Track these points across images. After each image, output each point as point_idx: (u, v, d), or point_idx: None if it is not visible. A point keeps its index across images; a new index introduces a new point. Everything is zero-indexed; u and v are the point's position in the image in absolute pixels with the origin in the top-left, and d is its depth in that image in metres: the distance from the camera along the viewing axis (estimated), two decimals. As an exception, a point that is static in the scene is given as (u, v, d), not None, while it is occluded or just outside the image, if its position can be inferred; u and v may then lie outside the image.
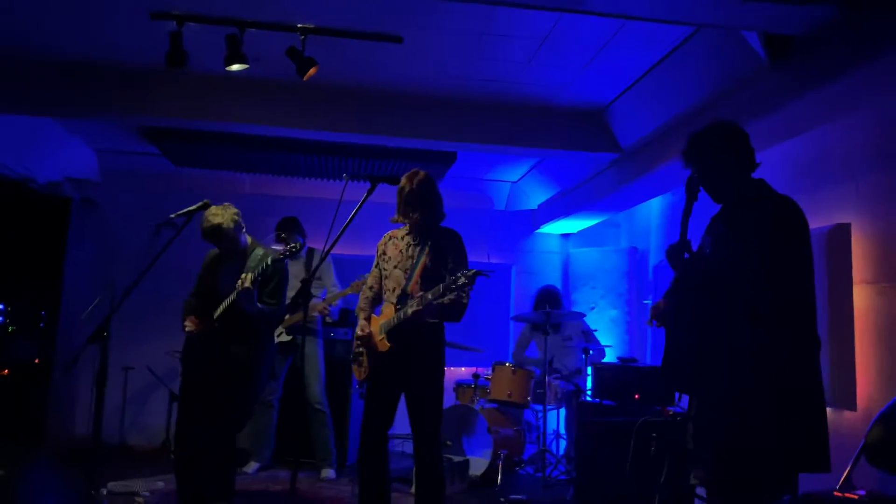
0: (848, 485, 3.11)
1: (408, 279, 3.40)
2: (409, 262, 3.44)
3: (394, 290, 3.43)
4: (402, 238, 3.54)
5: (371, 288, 3.61)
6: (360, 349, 3.50)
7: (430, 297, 3.18)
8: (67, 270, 5.67)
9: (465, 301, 3.30)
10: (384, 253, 3.58)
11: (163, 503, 4.32)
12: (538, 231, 7.42)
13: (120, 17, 3.93)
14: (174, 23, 3.80)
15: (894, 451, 3.03)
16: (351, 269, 5.23)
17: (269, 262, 3.63)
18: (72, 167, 6.38)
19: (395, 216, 3.49)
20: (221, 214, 3.74)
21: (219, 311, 3.68)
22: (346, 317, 5.88)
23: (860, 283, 3.70)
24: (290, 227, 5.22)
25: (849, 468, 3.16)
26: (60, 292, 5.61)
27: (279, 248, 4.00)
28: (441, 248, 3.42)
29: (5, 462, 3.28)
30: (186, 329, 3.79)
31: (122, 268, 5.73)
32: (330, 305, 5.26)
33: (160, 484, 4.75)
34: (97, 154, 6.55)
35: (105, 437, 5.94)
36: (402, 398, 3.43)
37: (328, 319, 5.42)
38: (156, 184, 6.76)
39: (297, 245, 3.72)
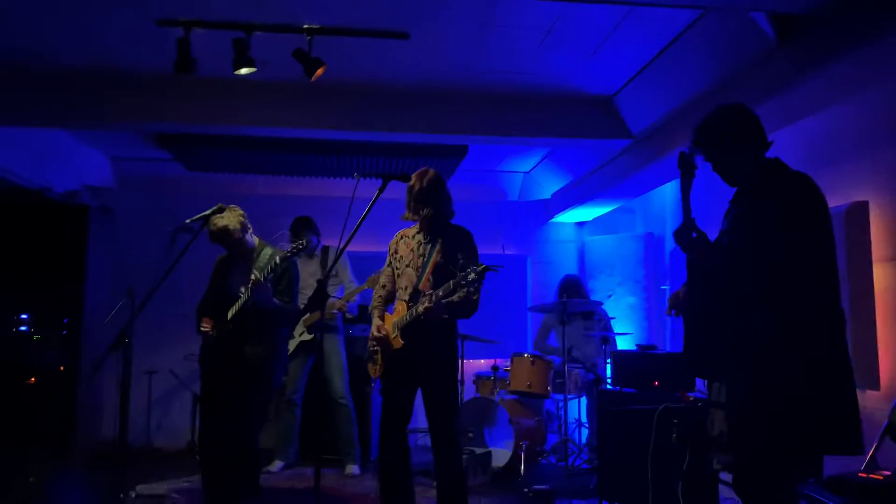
0: (873, 465, 3.09)
1: (419, 277, 3.43)
2: (421, 260, 3.47)
3: (406, 289, 3.47)
4: (413, 237, 3.56)
5: (384, 287, 3.65)
6: (375, 347, 3.54)
7: (440, 294, 3.21)
8: (88, 277, 5.74)
9: (475, 297, 3.34)
10: (396, 252, 3.61)
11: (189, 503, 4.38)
12: (552, 220, 7.40)
13: (127, 25, 3.97)
14: (181, 29, 3.84)
15: (918, 430, 3.01)
16: (367, 266, 5.25)
17: (278, 261, 3.66)
18: (87, 175, 6.47)
19: (406, 214, 3.52)
20: (227, 217, 3.79)
21: (231, 311, 3.71)
22: (365, 313, 5.91)
23: (879, 261, 3.66)
24: (303, 227, 5.26)
25: (873, 448, 3.14)
26: (82, 299, 5.68)
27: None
28: (451, 246, 3.44)
29: (35, 468, 3.36)
30: (202, 330, 3.83)
31: (139, 273, 5.79)
32: (348, 302, 5.30)
33: (186, 485, 4.82)
34: (111, 161, 6.63)
35: (132, 439, 6.04)
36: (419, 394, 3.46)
37: (347, 315, 5.46)
38: (170, 189, 6.83)
39: (304, 242, 3.73)
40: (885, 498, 2.74)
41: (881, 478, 2.83)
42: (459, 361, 3.52)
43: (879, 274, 3.66)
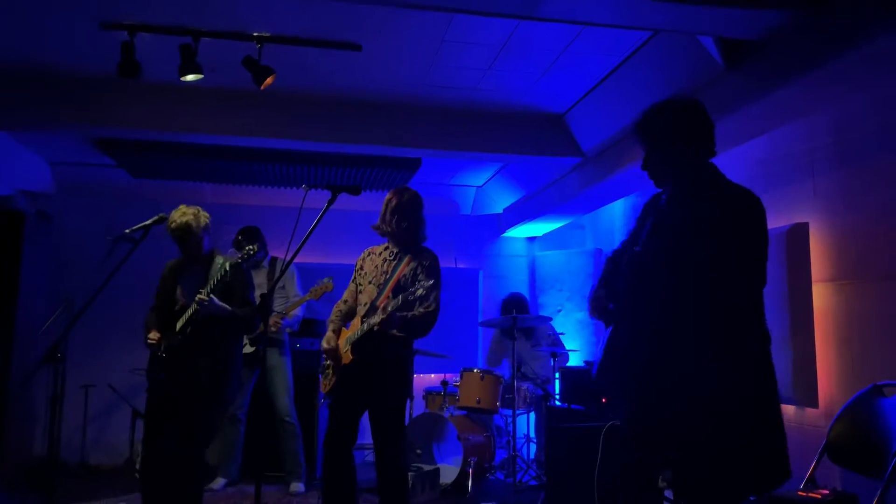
0: (812, 483, 3.15)
1: (379, 293, 3.41)
2: (383, 277, 3.45)
3: (365, 304, 3.44)
4: (380, 253, 3.55)
5: (345, 302, 3.61)
6: (328, 362, 3.50)
7: (389, 309, 3.19)
8: (23, 286, 5.48)
9: (432, 309, 3.31)
10: (361, 268, 3.58)
11: (126, 524, 4.22)
12: (504, 235, 7.43)
13: (70, 27, 3.83)
14: (126, 33, 3.73)
15: (855, 449, 3.08)
16: (315, 277, 5.15)
17: (227, 268, 3.55)
18: (25, 180, 6.21)
19: (377, 224, 3.51)
20: (193, 214, 3.67)
21: (180, 322, 3.59)
22: (313, 327, 5.81)
23: (819, 282, 3.76)
24: (250, 237, 5.12)
25: (812, 467, 3.21)
26: (14, 309, 5.43)
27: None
28: (415, 266, 3.43)
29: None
30: (149, 343, 3.68)
31: (78, 283, 5.60)
32: (285, 317, 5.17)
33: (123, 503, 4.64)
34: (51, 166, 6.39)
35: (66, 456, 5.80)
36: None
37: (288, 330, 5.33)
38: (113, 196, 6.62)
39: (253, 248, 3.64)
40: (823, 516, 2.79)
41: (819, 496, 2.88)
42: (410, 379, 3.51)
43: (819, 294, 3.76)
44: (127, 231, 3.50)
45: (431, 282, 3.15)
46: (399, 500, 3.35)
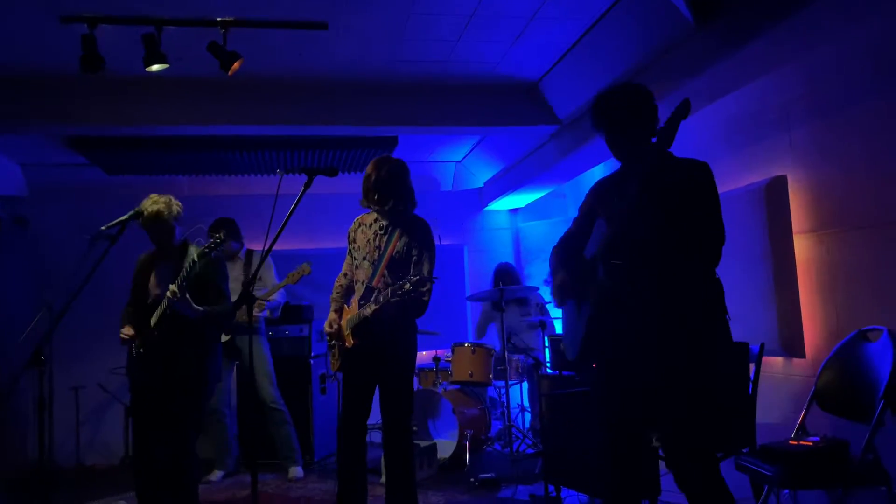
0: (802, 432, 3.20)
1: (374, 272, 3.37)
2: (377, 252, 3.40)
3: (362, 283, 3.42)
4: (371, 225, 3.49)
5: (345, 275, 3.59)
6: (332, 342, 3.51)
7: (381, 299, 3.18)
8: (1, 292, 5.42)
9: (426, 299, 3.30)
10: (354, 240, 3.54)
11: (126, 522, 4.21)
12: (487, 209, 7.41)
13: (30, 22, 3.74)
14: (85, 26, 3.64)
15: (843, 396, 3.12)
16: (293, 264, 5.10)
17: (196, 258, 3.50)
18: (-4, 184, 6.11)
19: (363, 200, 3.45)
20: (165, 203, 3.61)
21: (154, 317, 3.54)
22: (300, 313, 5.77)
23: (800, 233, 3.79)
24: (223, 229, 5.00)
25: (802, 416, 3.25)
26: (-5, 317, 5.37)
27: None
28: (409, 239, 3.38)
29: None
30: (123, 338, 3.64)
31: (58, 285, 5.52)
32: (267, 302, 5.13)
33: (122, 503, 4.62)
34: (22, 168, 6.28)
35: (60, 459, 5.77)
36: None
37: (268, 313, 5.28)
38: (89, 195, 6.52)
39: (220, 236, 3.58)
40: (814, 464, 2.83)
41: (811, 444, 2.92)
42: (415, 355, 3.49)
43: (800, 246, 3.79)
44: (103, 228, 3.44)
45: (416, 279, 3.11)
46: (407, 476, 3.38)
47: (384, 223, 3.44)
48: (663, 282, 2.43)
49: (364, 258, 3.43)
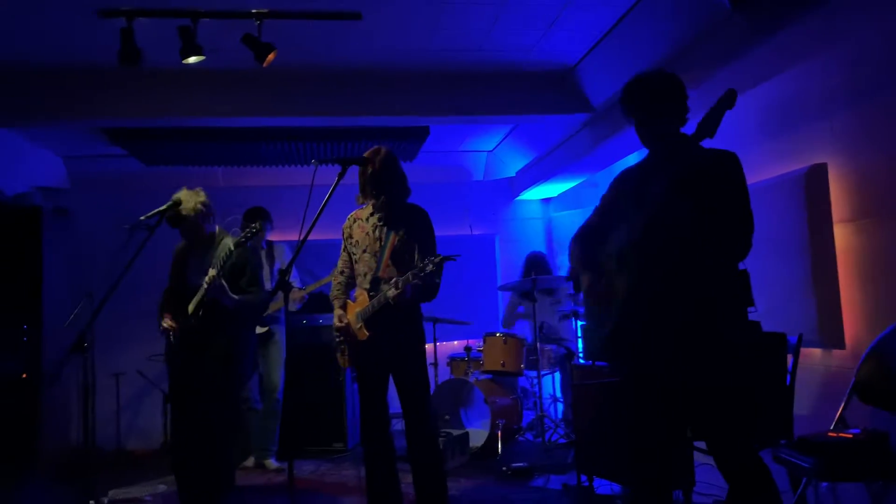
0: (842, 424, 3.14)
1: (378, 264, 3.37)
2: (378, 244, 3.39)
3: (365, 276, 3.40)
4: (367, 219, 3.48)
5: (342, 272, 3.57)
6: (340, 338, 3.49)
7: (400, 283, 3.16)
8: (45, 281, 5.56)
9: (437, 281, 3.28)
10: (350, 236, 3.53)
11: (165, 506, 4.31)
12: (518, 198, 7.38)
13: (70, 19, 3.82)
14: (123, 19, 3.70)
15: (884, 387, 3.06)
16: (328, 254, 5.14)
17: (231, 249, 3.56)
18: (39, 176, 6.26)
19: (359, 196, 3.45)
20: (186, 199, 3.68)
21: (192, 305, 3.61)
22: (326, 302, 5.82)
23: (840, 222, 3.70)
24: (252, 216, 5.06)
25: (842, 407, 3.19)
26: (40, 304, 5.52)
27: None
28: (408, 228, 3.38)
29: (2, 480, 3.25)
30: (163, 327, 3.72)
31: (98, 274, 5.64)
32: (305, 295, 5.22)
33: (161, 487, 4.73)
34: (64, 161, 6.43)
35: (102, 444, 5.90)
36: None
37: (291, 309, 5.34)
38: (127, 186, 6.66)
39: (256, 226, 3.63)
40: (854, 456, 2.78)
41: (850, 436, 2.87)
42: (426, 342, 3.48)
43: (840, 235, 3.71)
44: (142, 218, 3.52)
45: (439, 258, 3.10)
46: (433, 461, 3.38)
47: (381, 215, 3.44)
48: (691, 274, 2.41)
49: (364, 251, 3.43)
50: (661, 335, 2.45)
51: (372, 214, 3.46)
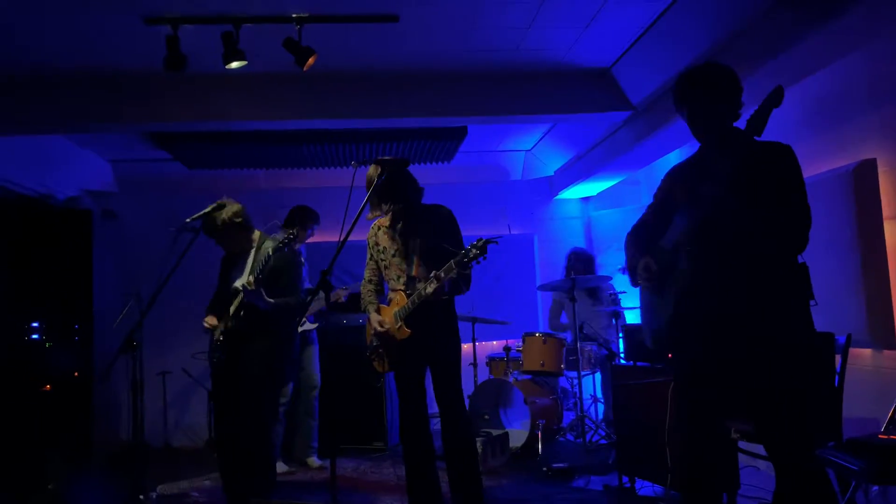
0: (893, 426, 3.05)
1: (409, 265, 3.38)
2: (406, 247, 3.42)
3: (399, 278, 3.43)
4: (391, 226, 3.51)
5: (370, 281, 3.61)
6: (376, 343, 3.51)
7: (442, 275, 3.16)
8: (95, 282, 5.74)
9: (467, 272, 3.27)
10: (377, 244, 3.56)
11: (212, 502, 4.39)
12: (557, 197, 7.34)
13: (117, 26, 3.91)
14: (169, 27, 3.80)
15: (938, 388, 2.96)
16: (357, 255, 5.18)
17: (270, 253, 3.62)
18: (88, 180, 6.46)
19: (370, 213, 3.44)
20: (221, 209, 3.76)
21: (231, 309, 3.69)
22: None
23: (890, 219, 3.60)
24: (290, 221, 5.13)
25: (892, 409, 3.10)
26: (91, 304, 5.69)
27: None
28: (433, 227, 3.39)
29: (54, 476, 3.37)
30: (206, 327, 3.82)
31: (145, 275, 5.80)
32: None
33: (207, 483, 4.84)
34: (111, 164, 6.61)
35: (150, 440, 6.07)
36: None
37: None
38: (172, 188, 6.82)
39: (294, 232, 3.70)
40: (906, 459, 2.70)
41: (902, 438, 2.78)
42: (460, 340, 3.49)
43: (891, 231, 3.60)
44: (188, 220, 3.60)
45: (481, 241, 3.08)
46: (468, 458, 3.38)
47: (403, 220, 3.45)
48: (752, 269, 2.38)
49: (394, 255, 3.46)
50: (721, 329, 2.43)
51: (395, 221, 3.48)
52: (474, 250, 3.03)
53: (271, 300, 3.64)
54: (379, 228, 3.56)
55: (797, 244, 2.39)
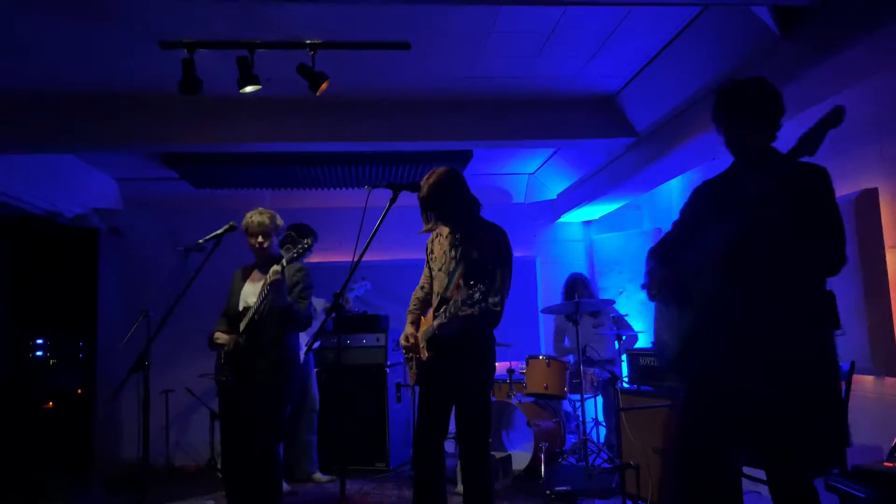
0: (897, 454, 3.08)
1: (448, 283, 3.31)
2: (452, 263, 3.33)
3: (437, 295, 3.36)
4: (447, 236, 3.42)
5: (422, 288, 3.55)
6: (409, 354, 3.46)
7: (451, 311, 3.13)
8: (101, 300, 5.77)
9: (497, 310, 3.17)
10: (431, 251, 3.50)
11: (215, 521, 4.40)
12: (559, 220, 7.40)
13: (131, 48, 3.97)
14: (185, 50, 3.86)
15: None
16: (368, 275, 5.25)
17: (284, 265, 3.61)
18: (95, 198, 6.50)
19: (424, 227, 3.41)
20: (269, 216, 3.87)
21: (242, 324, 3.70)
22: (377, 322, 5.92)
23: (892, 248, 3.66)
24: (303, 232, 5.18)
25: (897, 437, 3.13)
26: (96, 322, 5.72)
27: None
28: (481, 247, 3.29)
29: (58, 494, 3.37)
30: (215, 343, 3.81)
31: (150, 293, 5.84)
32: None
33: (210, 502, 4.83)
34: (118, 183, 6.66)
35: (152, 459, 6.04)
36: None
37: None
38: (176, 207, 6.86)
39: (308, 242, 3.71)
40: (913, 487, 2.73)
41: (907, 466, 2.82)
42: (492, 372, 3.35)
43: (892, 260, 3.66)
44: (200, 241, 3.64)
45: (499, 275, 3.06)
46: (484, 496, 3.28)
47: (457, 234, 3.37)
48: (783, 295, 2.31)
49: (440, 269, 3.39)
50: (746, 350, 2.34)
51: (451, 232, 3.41)
52: (477, 294, 2.98)
53: (288, 298, 3.67)
54: (437, 236, 3.48)
55: (832, 265, 2.34)
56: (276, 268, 3.57)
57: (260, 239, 3.82)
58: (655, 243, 2.80)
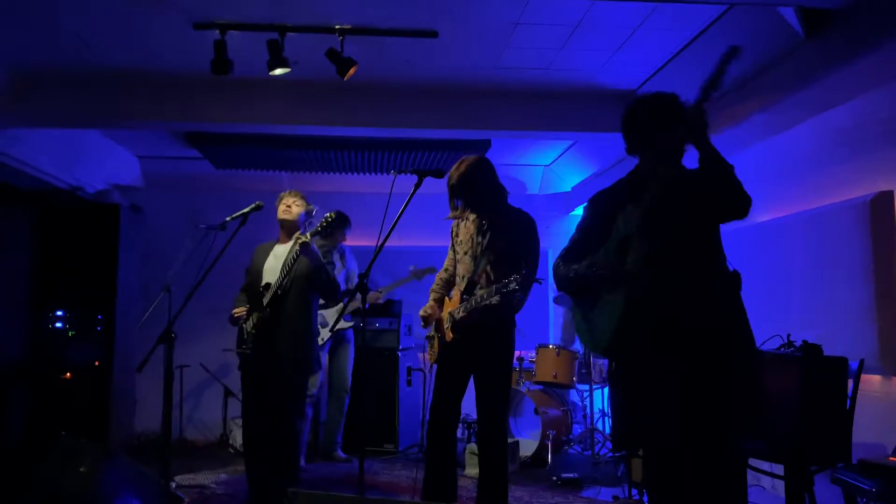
0: (903, 450, 3.16)
1: (476, 267, 3.37)
2: (479, 248, 3.39)
3: (463, 278, 3.43)
4: (473, 220, 3.48)
5: (446, 270, 3.61)
6: (432, 333, 3.53)
7: (476, 300, 3.22)
8: (120, 275, 5.86)
9: (521, 296, 3.22)
10: (457, 235, 3.55)
11: (232, 494, 4.50)
12: (573, 213, 7.45)
13: (165, 28, 4.04)
14: (217, 32, 3.93)
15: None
16: (390, 260, 5.31)
17: (310, 235, 3.72)
18: (117, 174, 6.59)
19: (451, 213, 3.48)
20: (302, 196, 4.04)
21: (267, 298, 3.78)
22: (391, 307, 6.01)
23: (905, 250, 3.72)
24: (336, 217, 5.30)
25: (903, 434, 3.20)
26: (115, 296, 5.81)
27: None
28: (508, 234, 3.35)
29: (88, 459, 3.48)
30: (235, 317, 3.90)
31: (169, 270, 5.92)
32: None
33: (223, 476, 4.95)
34: (140, 160, 6.75)
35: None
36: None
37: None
38: (196, 186, 6.95)
39: (331, 216, 3.77)
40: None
41: (912, 462, 2.89)
42: (512, 354, 3.46)
43: (905, 262, 3.72)
44: (228, 218, 3.71)
45: (526, 263, 3.13)
46: (500, 470, 3.36)
47: (484, 220, 3.44)
48: (686, 265, 2.52)
49: (466, 253, 3.44)
50: (667, 325, 2.49)
51: (477, 216, 3.47)
52: (513, 284, 3.02)
53: (320, 257, 3.78)
54: (464, 220, 3.54)
55: (739, 214, 2.51)
56: (300, 235, 3.67)
57: (289, 203, 3.95)
58: (560, 254, 2.86)
